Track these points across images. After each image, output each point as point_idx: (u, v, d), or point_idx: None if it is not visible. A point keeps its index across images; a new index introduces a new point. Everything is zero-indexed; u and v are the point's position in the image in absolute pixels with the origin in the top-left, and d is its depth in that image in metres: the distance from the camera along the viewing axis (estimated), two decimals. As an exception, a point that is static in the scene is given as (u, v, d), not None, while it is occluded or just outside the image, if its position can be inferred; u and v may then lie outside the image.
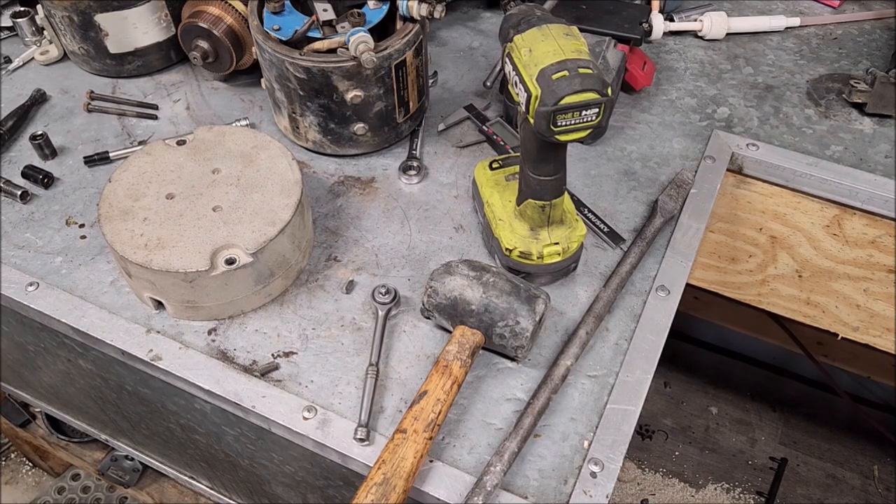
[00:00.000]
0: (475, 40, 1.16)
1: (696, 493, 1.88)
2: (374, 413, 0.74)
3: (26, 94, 1.06)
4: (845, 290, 1.08)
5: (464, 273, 0.75)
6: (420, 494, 0.69)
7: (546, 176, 0.74)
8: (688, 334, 2.08)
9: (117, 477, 1.58)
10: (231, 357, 0.78)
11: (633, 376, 0.76)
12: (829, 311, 1.12)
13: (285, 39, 0.88)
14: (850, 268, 1.05)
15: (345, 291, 0.84)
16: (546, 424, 0.73)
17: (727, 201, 1.05)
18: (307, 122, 0.93)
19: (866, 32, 1.16)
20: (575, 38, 0.68)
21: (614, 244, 0.87)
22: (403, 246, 0.88)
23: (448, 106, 1.04)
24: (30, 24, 1.12)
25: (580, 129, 0.67)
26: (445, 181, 0.95)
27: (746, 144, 0.99)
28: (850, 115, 1.03)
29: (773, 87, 1.07)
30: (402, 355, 0.78)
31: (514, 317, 0.73)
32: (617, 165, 0.97)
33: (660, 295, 0.82)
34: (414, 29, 0.89)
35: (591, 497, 0.67)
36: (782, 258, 1.09)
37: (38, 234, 0.90)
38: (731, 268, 1.14)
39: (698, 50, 1.13)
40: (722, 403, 2.04)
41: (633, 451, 1.95)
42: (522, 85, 0.67)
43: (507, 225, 0.81)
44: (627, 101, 1.05)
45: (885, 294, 1.05)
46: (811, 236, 1.04)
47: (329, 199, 0.94)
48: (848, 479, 1.89)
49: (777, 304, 1.15)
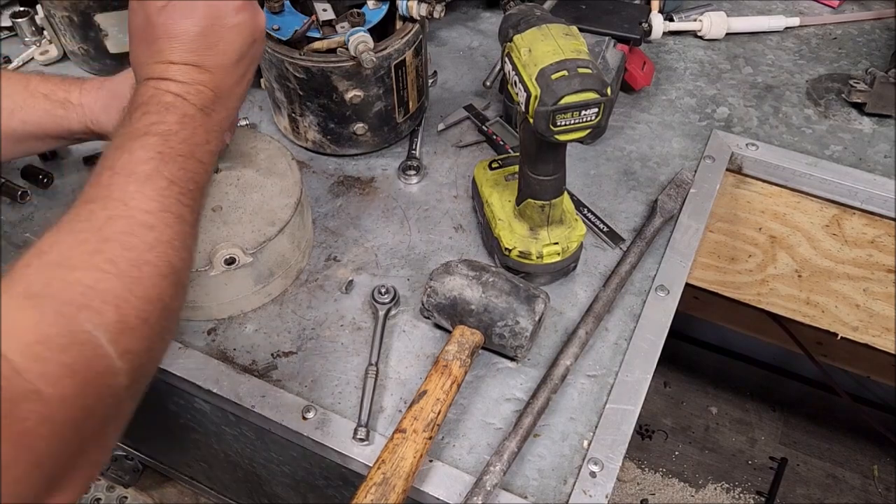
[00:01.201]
0: (475, 40, 1.16)
1: (695, 493, 1.88)
2: (374, 413, 0.74)
3: (26, 94, 1.06)
4: (845, 290, 1.08)
5: (463, 273, 0.75)
6: (420, 494, 0.69)
7: (546, 176, 0.74)
8: (688, 334, 2.08)
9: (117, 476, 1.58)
10: (231, 357, 0.78)
11: (633, 376, 0.76)
12: (828, 310, 1.12)
13: (285, 39, 0.88)
14: (850, 267, 1.05)
15: (344, 291, 0.84)
16: (545, 424, 0.73)
17: (727, 201, 1.05)
18: (307, 122, 0.93)
19: (866, 32, 1.16)
20: (574, 38, 0.68)
21: (614, 244, 0.87)
22: (403, 246, 0.88)
23: (448, 106, 1.04)
24: (29, 24, 1.12)
25: (580, 129, 0.67)
26: (445, 181, 0.95)
27: (746, 144, 0.99)
28: (849, 115, 1.03)
29: (772, 87, 1.07)
30: (402, 355, 0.78)
31: (513, 316, 0.73)
32: (616, 165, 0.97)
33: (659, 295, 0.82)
34: (413, 29, 0.89)
35: (591, 497, 0.68)
36: (782, 258, 1.09)
37: (38, 234, 0.90)
38: (731, 268, 1.14)
39: (698, 50, 1.13)
40: (722, 403, 2.04)
41: (632, 450, 1.95)
42: (522, 85, 0.67)
43: (506, 224, 0.81)
44: (627, 100, 1.05)
45: (884, 294, 1.05)
46: (811, 236, 1.04)
47: (329, 199, 0.94)
48: (848, 479, 1.89)
49: (777, 303, 1.15)
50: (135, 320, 0.46)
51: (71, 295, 0.44)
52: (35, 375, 0.40)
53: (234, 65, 0.61)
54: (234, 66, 0.61)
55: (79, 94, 0.73)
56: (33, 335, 0.41)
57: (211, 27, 0.59)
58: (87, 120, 0.73)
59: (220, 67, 0.60)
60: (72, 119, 0.73)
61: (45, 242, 0.47)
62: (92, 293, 0.45)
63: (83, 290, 0.45)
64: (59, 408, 0.40)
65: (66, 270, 0.45)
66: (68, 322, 0.43)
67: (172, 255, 0.50)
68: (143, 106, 0.55)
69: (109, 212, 0.49)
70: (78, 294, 0.44)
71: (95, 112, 0.73)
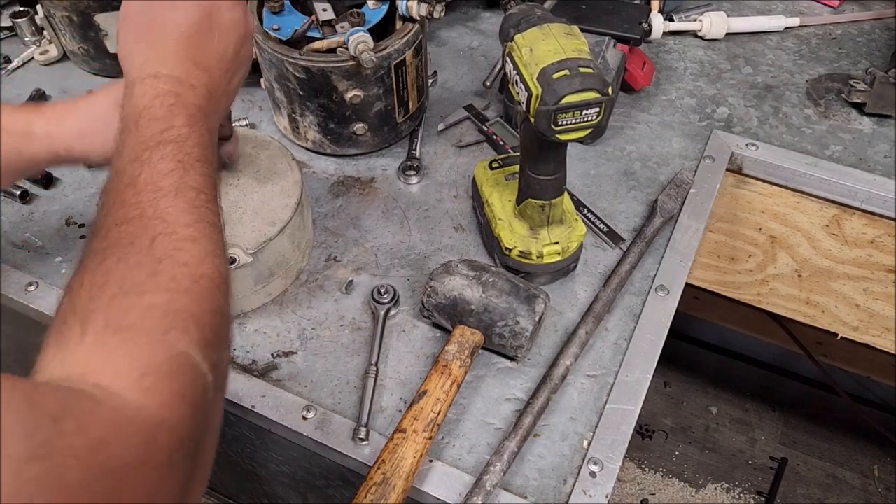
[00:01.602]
0: (475, 40, 1.16)
1: (696, 493, 1.88)
2: (374, 413, 0.74)
3: (26, 94, 1.06)
4: (845, 290, 1.08)
5: (463, 273, 0.75)
6: (420, 494, 0.69)
7: (546, 175, 0.74)
8: (688, 334, 2.08)
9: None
10: (231, 357, 0.78)
11: (633, 376, 0.76)
12: (828, 310, 1.12)
13: (285, 39, 0.88)
14: (850, 267, 1.05)
15: (344, 291, 0.84)
16: (545, 424, 0.73)
17: (727, 201, 1.05)
18: (307, 122, 0.93)
19: (866, 32, 1.16)
20: (576, 38, 0.68)
21: (614, 244, 0.87)
22: (403, 246, 0.88)
23: (448, 106, 1.04)
24: (29, 24, 1.12)
25: (581, 129, 0.67)
26: (445, 181, 0.95)
27: (746, 144, 0.99)
28: (849, 115, 1.03)
29: (772, 87, 1.07)
30: (402, 355, 0.78)
31: (513, 317, 0.73)
32: (616, 165, 0.97)
33: (659, 295, 0.82)
34: (413, 29, 0.89)
35: (591, 497, 0.67)
36: (782, 258, 1.09)
37: (38, 234, 0.90)
38: (731, 268, 1.14)
39: (698, 50, 1.13)
40: (722, 403, 2.04)
41: (632, 450, 1.95)
42: (523, 84, 0.67)
43: (506, 224, 0.81)
44: (627, 100, 1.05)
45: (884, 294, 1.05)
46: (811, 236, 1.04)
47: (329, 199, 0.94)
48: (848, 479, 1.89)
49: (777, 303, 1.15)
50: (210, 334, 0.46)
51: (153, 321, 0.44)
52: (157, 407, 0.40)
53: (228, 62, 0.61)
54: (229, 64, 0.61)
55: (44, 124, 0.67)
56: (137, 369, 0.41)
57: (207, 23, 0.59)
58: (56, 149, 0.68)
59: (215, 65, 0.59)
60: (36, 150, 0.67)
61: (96, 275, 0.45)
62: (171, 315, 0.45)
63: (162, 313, 0.44)
64: (183, 431, 0.41)
65: (135, 297, 0.44)
66: (165, 348, 0.43)
67: (219, 264, 0.50)
68: (148, 110, 0.54)
69: (151, 231, 0.48)
70: (159, 318, 0.44)
71: (67, 140, 0.67)
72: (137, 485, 0.38)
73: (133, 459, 0.38)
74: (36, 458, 0.32)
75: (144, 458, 0.38)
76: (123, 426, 0.38)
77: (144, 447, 0.39)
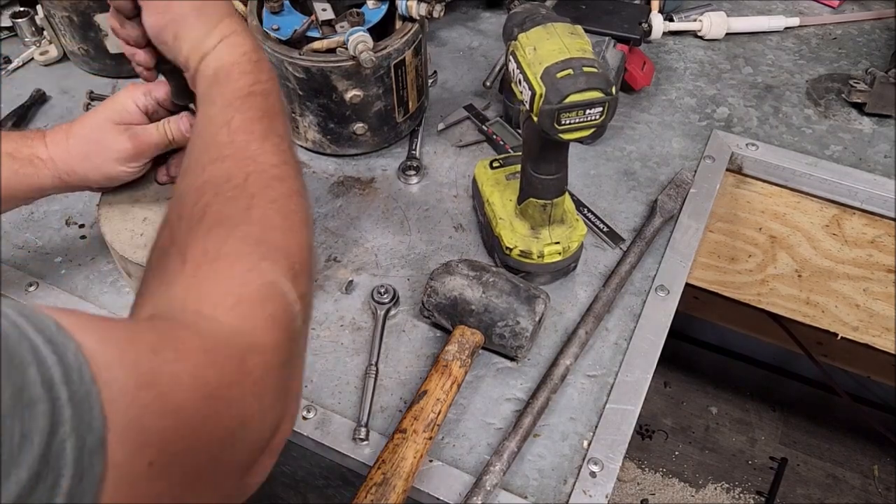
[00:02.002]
0: (475, 40, 1.16)
1: (696, 493, 1.88)
2: (374, 413, 0.74)
3: (26, 94, 1.06)
4: (845, 290, 1.08)
5: (463, 273, 0.75)
6: (420, 494, 0.69)
7: (548, 175, 0.74)
8: (688, 334, 2.08)
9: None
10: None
11: (633, 376, 0.76)
12: (828, 310, 1.12)
13: (284, 39, 0.88)
14: (850, 267, 1.05)
15: (344, 291, 0.84)
16: (545, 424, 0.73)
17: (727, 201, 1.05)
18: (307, 122, 0.93)
19: (866, 32, 1.16)
20: (579, 37, 0.68)
21: (614, 244, 0.87)
22: (403, 246, 0.88)
23: (448, 106, 1.04)
24: (29, 25, 1.12)
25: (584, 128, 0.67)
26: (445, 181, 0.95)
27: (746, 144, 0.99)
28: (849, 115, 1.03)
29: (772, 87, 1.07)
30: (402, 355, 0.78)
31: (513, 317, 0.73)
32: (616, 165, 0.97)
33: (659, 295, 0.82)
34: (413, 28, 0.89)
35: (591, 497, 0.67)
36: (782, 258, 1.08)
37: (38, 234, 0.90)
38: (731, 268, 1.14)
39: (698, 50, 1.13)
40: (722, 403, 2.04)
41: (632, 450, 1.95)
42: (527, 83, 0.67)
43: (507, 224, 0.81)
44: (627, 100, 1.05)
45: (884, 294, 1.05)
46: (811, 236, 1.04)
47: (329, 200, 0.94)
48: (848, 479, 1.89)
49: (777, 303, 1.15)
50: (299, 266, 0.49)
51: (248, 251, 0.47)
52: (249, 331, 0.43)
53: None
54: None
55: (45, 148, 0.69)
56: (232, 296, 0.44)
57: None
58: (59, 173, 0.69)
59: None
60: (42, 175, 0.69)
61: (195, 208, 0.49)
62: (264, 246, 0.48)
63: (255, 244, 0.47)
64: (273, 356, 0.44)
65: (231, 228, 0.48)
66: (258, 277, 0.46)
67: (304, 203, 0.53)
68: (238, 65, 0.58)
69: (245, 169, 0.51)
70: (253, 249, 0.47)
71: (70, 163, 0.69)
72: (232, 405, 0.40)
73: (227, 380, 0.40)
74: (144, 386, 0.35)
75: (237, 379, 0.40)
76: (218, 350, 0.41)
77: (238, 368, 0.41)
